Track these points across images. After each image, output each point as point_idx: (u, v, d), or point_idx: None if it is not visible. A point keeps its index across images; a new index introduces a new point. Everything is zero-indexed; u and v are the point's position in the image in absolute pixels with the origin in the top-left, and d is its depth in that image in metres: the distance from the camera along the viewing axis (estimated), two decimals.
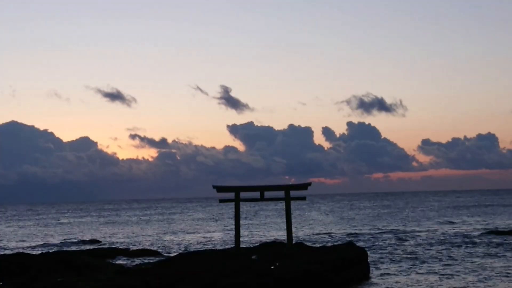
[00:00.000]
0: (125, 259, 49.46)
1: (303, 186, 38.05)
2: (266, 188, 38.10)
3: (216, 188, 38.04)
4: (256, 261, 34.97)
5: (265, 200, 38.27)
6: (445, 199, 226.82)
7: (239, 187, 38.09)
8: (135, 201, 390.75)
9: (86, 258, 38.33)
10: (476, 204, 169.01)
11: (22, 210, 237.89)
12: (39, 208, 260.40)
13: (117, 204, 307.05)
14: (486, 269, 39.24)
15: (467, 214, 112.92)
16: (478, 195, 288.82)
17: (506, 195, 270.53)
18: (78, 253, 44.47)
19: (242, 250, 39.64)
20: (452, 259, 44.76)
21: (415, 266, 41.57)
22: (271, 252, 38.14)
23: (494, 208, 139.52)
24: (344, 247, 38.47)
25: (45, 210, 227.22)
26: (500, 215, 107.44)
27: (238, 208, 38.12)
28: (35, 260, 35.86)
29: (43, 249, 61.63)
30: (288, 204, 38.22)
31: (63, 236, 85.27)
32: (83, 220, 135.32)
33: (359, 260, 35.95)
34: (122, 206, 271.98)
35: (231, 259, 34.83)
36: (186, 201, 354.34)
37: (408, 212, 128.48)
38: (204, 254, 38.13)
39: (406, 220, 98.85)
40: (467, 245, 54.42)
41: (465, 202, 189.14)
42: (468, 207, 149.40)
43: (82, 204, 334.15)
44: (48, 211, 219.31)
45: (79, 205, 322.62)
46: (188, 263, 34.42)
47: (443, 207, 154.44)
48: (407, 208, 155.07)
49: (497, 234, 64.44)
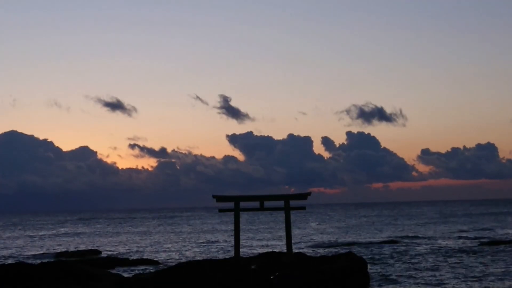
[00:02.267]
0: (125, 268, 49.40)
1: (302, 196, 38.11)
2: (266, 198, 38.15)
3: (216, 197, 38.09)
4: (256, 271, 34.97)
5: (264, 210, 38.31)
6: (444, 209, 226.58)
7: (239, 197, 38.16)
8: (135, 211, 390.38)
9: (86, 268, 38.28)
10: (475, 213, 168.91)
11: (22, 219, 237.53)
12: (38, 217, 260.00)
13: (117, 214, 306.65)
14: (483, 280, 39.24)
15: (466, 223, 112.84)
16: (477, 204, 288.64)
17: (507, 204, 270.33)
18: (78, 263, 44.41)
19: (241, 260, 39.62)
20: (451, 269, 44.73)
21: (414, 276, 41.54)
22: (270, 262, 38.14)
23: (493, 217, 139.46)
24: (344, 257, 38.46)
25: (45, 219, 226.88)
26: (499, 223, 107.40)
27: (238, 218, 38.14)
28: (35, 270, 35.81)
29: (42, 258, 61.55)
30: (287, 214, 38.25)
31: (63, 245, 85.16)
32: (83, 230, 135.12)
33: (358, 270, 35.95)
34: (122, 215, 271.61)
35: (231, 269, 34.82)
36: (185, 210, 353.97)
37: (408, 222, 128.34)
38: (203, 263, 38.11)
39: (405, 230, 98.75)
40: (467, 255, 54.39)
41: (464, 211, 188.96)
42: (466, 216, 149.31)
43: (81, 214, 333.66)
44: (47, 220, 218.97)
45: (79, 214, 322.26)
46: (188, 273, 34.40)
47: (443, 216, 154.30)
48: (406, 217, 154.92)
49: (494, 245, 64.35)
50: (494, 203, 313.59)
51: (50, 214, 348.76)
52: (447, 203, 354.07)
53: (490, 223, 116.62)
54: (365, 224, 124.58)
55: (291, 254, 38.77)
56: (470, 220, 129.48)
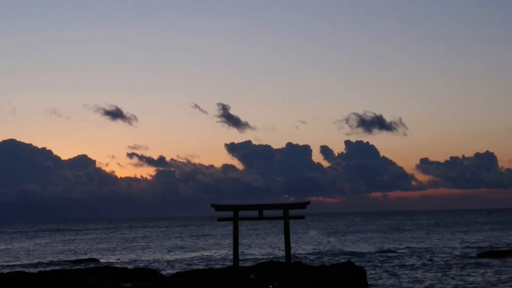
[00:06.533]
0: (123, 278, 49.29)
1: (301, 205, 38.10)
2: (265, 207, 38.14)
3: (215, 207, 38.06)
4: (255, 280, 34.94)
5: (263, 219, 38.30)
6: (443, 218, 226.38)
7: (238, 206, 38.13)
8: (134, 220, 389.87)
9: (84, 277, 38.26)
10: (474, 222, 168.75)
11: (20, 228, 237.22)
12: (37, 226, 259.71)
13: (115, 223, 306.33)
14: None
15: (466, 233, 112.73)
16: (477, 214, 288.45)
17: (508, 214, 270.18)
18: (76, 272, 44.38)
19: (240, 269, 39.60)
20: (451, 280, 44.70)
21: (413, 286, 41.51)
22: (269, 271, 38.11)
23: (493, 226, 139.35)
24: (343, 266, 38.45)
25: (43, 228, 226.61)
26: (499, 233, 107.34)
27: (237, 227, 38.12)
28: (33, 279, 35.80)
29: (41, 267, 61.46)
30: (286, 223, 38.25)
31: (61, 254, 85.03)
32: (81, 238, 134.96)
33: (357, 279, 35.94)
34: (120, 224, 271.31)
35: (230, 278, 34.79)
36: (184, 219, 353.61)
37: (407, 232, 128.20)
38: (202, 273, 38.09)
39: (405, 240, 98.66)
40: (468, 266, 54.36)
41: (464, 221, 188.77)
42: (466, 225, 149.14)
43: (80, 222, 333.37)
44: (46, 229, 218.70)
45: (77, 223, 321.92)
46: (186, 282, 34.37)
47: (442, 226, 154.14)
48: (406, 227, 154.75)
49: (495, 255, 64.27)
50: (493, 213, 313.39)
51: (48, 222, 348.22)
52: (446, 213, 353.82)
53: (490, 232, 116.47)
54: (364, 234, 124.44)
55: (290, 263, 38.74)
56: (470, 230, 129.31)
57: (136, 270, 53.63)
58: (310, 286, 33.48)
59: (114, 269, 53.47)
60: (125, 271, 52.93)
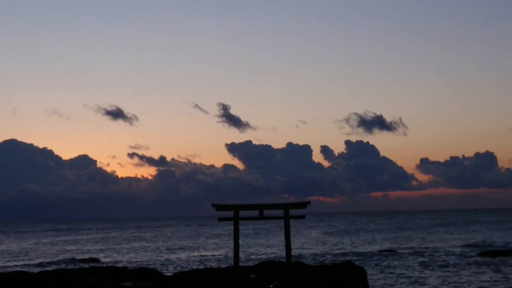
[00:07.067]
0: (124, 278, 49.34)
1: (301, 205, 38.12)
2: (265, 206, 38.17)
3: (215, 206, 38.08)
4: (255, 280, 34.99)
5: (264, 218, 38.33)
6: (443, 218, 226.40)
7: (238, 206, 38.16)
8: (134, 219, 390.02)
9: (84, 277, 38.30)
10: (474, 222, 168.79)
11: (21, 228, 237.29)
12: (38, 226, 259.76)
13: (116, 223, 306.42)
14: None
15: (465, 233, 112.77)
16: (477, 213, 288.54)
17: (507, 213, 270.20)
18: (77, 272, 44.42)
19: (241, 269, 39.63)
20: (451, 280, 44.73)
21: (414, 286, 41.55)
22: (270, 271, 38.15)
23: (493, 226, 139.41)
24: (343, 266, 38.48)
25: (44, 228, 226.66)
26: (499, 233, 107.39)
27: (237, 227, 38.15)
28: (34, 279, 35.83)
29: (42, 267, 61.51)
30: (287, 222, 38.28)
31: (62, 254, 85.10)
32: (82, 238, 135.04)
33: (358, 279, 35.96)
34: (121, 224, 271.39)
35: (230, 278, 34.83)
36: (185, 219, 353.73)
37: (408, 231, 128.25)
38: (202, 273, 38.12)
39: (405, 240, 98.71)
40: (468, 265, 54.40)
41: (464, 220, 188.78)
42: (466, 225, 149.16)
43: (81, 222, 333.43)
44: (47, 228, 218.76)
45: (78, 223, 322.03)
46: (187, 282, 34.42)
47: (442, 226, 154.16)
48: (406, 227, 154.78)
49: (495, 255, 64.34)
50: (493, 212, 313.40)
51: (49, 222, 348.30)
52: (447, 212, 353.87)
53: (489, 232, 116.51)
54: (365, 233, 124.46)
55: (290, 263, 38.77)
56: (470, 229, 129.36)
57: (137, 270, 53.68)
58: (310, 286, 33.52)
59: (114, 269, 53.53)
60: (125, 271, 52.98)
